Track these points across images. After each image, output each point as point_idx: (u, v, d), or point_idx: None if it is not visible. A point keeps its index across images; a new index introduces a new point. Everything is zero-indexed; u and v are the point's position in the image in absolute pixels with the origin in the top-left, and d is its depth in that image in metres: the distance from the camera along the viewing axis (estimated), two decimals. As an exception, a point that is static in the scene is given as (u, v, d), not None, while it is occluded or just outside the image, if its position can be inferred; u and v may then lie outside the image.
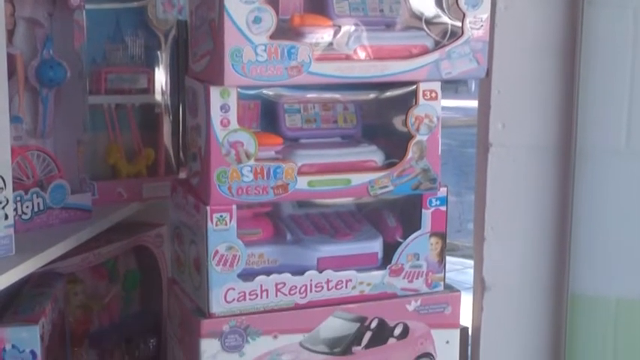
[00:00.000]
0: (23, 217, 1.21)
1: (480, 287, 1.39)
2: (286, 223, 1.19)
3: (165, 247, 1.52)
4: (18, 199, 1.20)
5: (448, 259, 1.23)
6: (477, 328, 1.40)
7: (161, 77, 1.46)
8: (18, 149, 1.23)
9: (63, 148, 1.31)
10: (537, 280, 1.37)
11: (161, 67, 1.45)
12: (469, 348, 1.43)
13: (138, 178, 1.43)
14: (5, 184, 1.10)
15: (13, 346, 1.10)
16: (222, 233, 1.08)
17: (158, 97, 1.46)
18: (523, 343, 1.39)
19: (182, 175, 1.36)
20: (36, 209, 1.23)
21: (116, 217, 1.36)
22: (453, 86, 8.64)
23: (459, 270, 1.22)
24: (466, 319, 1.38)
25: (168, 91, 1.47)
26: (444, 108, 1.16)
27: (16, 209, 1.19)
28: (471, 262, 1.46)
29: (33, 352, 1.10)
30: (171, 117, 1.49)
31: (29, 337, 1.10)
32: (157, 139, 1.46)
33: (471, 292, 1.42)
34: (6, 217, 1.10)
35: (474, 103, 1.56)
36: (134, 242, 1.49)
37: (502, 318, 1.38)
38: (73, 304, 1.40)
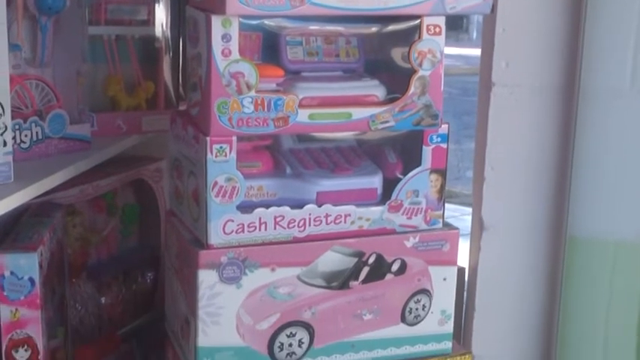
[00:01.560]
0: (22, 145, 1.20)
1: (478, 227, 1.39)
2: (286, 156, 1.19)
3: (164, 181, 1.51)
4: (17, 127, 1.19)
5: (447, 206, 1.23)
6: (473, 269, 1.41)
7: (161, 10, 1.44)
8: (17, 78, 1.22)
9: (62, 79, 1.30)
10: (536, 222, 1.37)
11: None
12: (465, 288, 1.43)
13: (137, 111, 1.42)
14: (4, 111, 1.09)
15: (12, 273, 1.10)
16: (222, 165, 1.08)
17: (158, 30, 1.44)
18: (520, 284, 1.40)
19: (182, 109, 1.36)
20: (35, 138, 1.22)
21: (115, 149, 1.36)
22: (454, 34, 8.57)
23: (457, 217, 1.22)
24: (463, 263, 1.39)
25: (169, 25, 1.45)
26: (444, 56, 1.14)
27: (14, 138, 1.18)
28: (469, 210, 1.46)
29: (31, 279, 1.11)
30: (171, 51, 1.47)
31: (28, 264, 1.10)
32: (156, 72, 1.45)
33: (468, 238, 1.42)
34: (4, 143, 1.10)
35: (475, 52, 1.54)
36: (133, 176, 1.48)
37: (499, 259, 1.39)
38: (72, 236, 1.40)
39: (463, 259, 1.40)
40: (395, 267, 1.18)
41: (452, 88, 6.05)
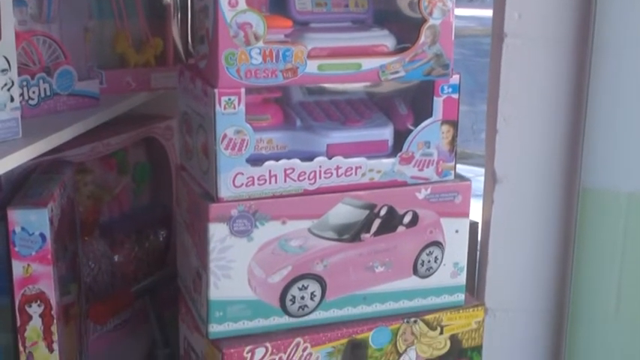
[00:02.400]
0: (30, 102, 1.20)
1: (490, 180, 1.38)
2: (296, 109, 1.18)
3: (175, 139, 1.51)
4: (24, 84, 1.19)
5: (461, 167, 1.22)
6: (486, 222, 1.40)
7: (169, -35, 1.43)
8: (23, 34, 1.21)
9: (69, 35, 1.29)
10: (549, 173, 1.36)
11: (169, -47, 1.42)
12: (478, 242, 1.43)
13: (146, 68, 1.41)
14: (10, 66, 1.08)
15: (23, 229, 1.10)
16: (231, 117, 1.07)
17: (166, -14, 1.43)
18: (533, 237, 1.39)
19: (191, 64, 1.34)
20: (43, 95, 1.22)
21: (124, 106, 1.35)
22: (467, -5, 8.50)
23: (472, 178, 1.22)
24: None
25: (177, -20, 1.44)
26: (457, 17, 1.12)
27: (22, 94, 1.18)
28: (482, 171, 1.45)
29: (42, 235, 1.11)
30: (179, 7, 1.46)
31: (38, 220, 1.10)
32: (165, 28, 1.44)
33: (481, 199, 1.41)
34: (12, 99, 1.09)
35: (488, 13, 1.52)
36: (143, 133, 1.48)
37: (512, 211, 1.38)
38: (83, 194, 1.40)
39: (477, 218, 1.39)
40: (406, 219, 1.17)
41: (465, 49, 6.00)
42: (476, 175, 1.46)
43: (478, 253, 1.43)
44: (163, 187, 1.56)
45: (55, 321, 1.13)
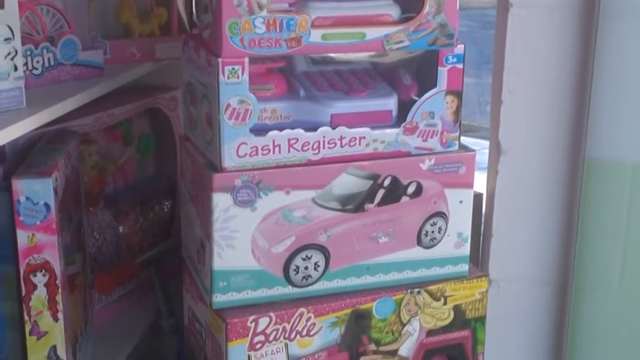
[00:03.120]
0: (34, 72, 1.20)
1: (495, 151, 1.37)
2: (300, 79, 1.17)
3: (179, 110, 1.51)
4: (28, 53, 1.18)
5: (466, 139, 1.22)
6: (491, 193, 1.40)
7: None
8: (26, 3, 1.20)
9: (73, 4, 1.28)
10: (554, 144, 1.35)
11: None
12: (483, 214, 1.42)
13: (150, 38, 1.40)
14: (13, 35, 1.08)
15: (27, 198, 1.10)
16: (234, 86, 1.07)
17: (170, -46, 1.42)
18: (537, 208, 1.38)
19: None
20: (47, 64, 1.21)
21: (129, 76, 1.35)
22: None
23: (478, 150, 1.22)
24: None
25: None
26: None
27: (26, 64, 1.18)
28: (488, 144, 1.44)
29: (47, 205, 1.11)
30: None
31: (42, 189, 1.10)
32: (169, -2, 1.43)
33: (486, 172, 1.41)
34: (15, 68, 1.09)
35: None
36: (148, 104, 1.48)
37: (517, 182, 1.37)
38: (88, 165, 1.40)
39: (481, 190, 1.39)
40: (410, 189, 1.17)
41: (471, 21, 5.96)
42: (482, 147, 1.45)
43: (482, 224, 1.42)
44: (168, 158, 1.56)
45: (59, 290, 1.14)
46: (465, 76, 1.16)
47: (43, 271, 1.12)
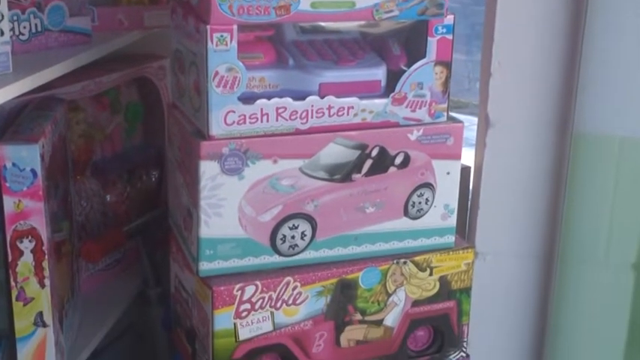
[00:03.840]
0: (21, 37, 1.19)
1: (484, 124, 1.38)
2: (289, 48, 1.17)
3: (167, 80, 1.50)
4: (15, 18, 1.18)
5: (455, 116, 1.21)
6: (478, 166, 1.40)
7: None
8: (13, -33, 1.19)
9: (61, -30, 1.27)
10: (542, 117, 1.36)
11: None
12: (470, 186, 1.43)
13: (139, 6, 1.39)
14: (0, -1, 1.07)
15: (14, 164, 1.10)
16: (223, 54, 1.06)
17: None
18: (524, 181, 1.39)
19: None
20: (34, 30, 1.20)
21: (117, 44, 1.34)
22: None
23: (467, 127, 1.22)
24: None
25: None
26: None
27: (13, 30, 1.17)
28: (477, 120, 1.44)
29: (33, 171, 1.10)
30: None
31: (29, 155, 1.10)
32: (157, -35, 1.42)
33: (474, 147, 1.41)
34: (2, 33, 1.08)
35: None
36: (136, 73, 1.47)
37: (505, 155, 1.38)
38: (75, 133, 1.40)
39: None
40: (398, 160, 1.17)
41: (463, -2, 5.93)
42: (470, 124, 1.46)
43: (470, 197, 1.43)
44: (156, 127, 1.55)
45: (46, 257, 1.13)
46: (454, 53, 1.16)
47: (30, 238, 1.12)
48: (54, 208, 1.20)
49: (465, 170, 1.38)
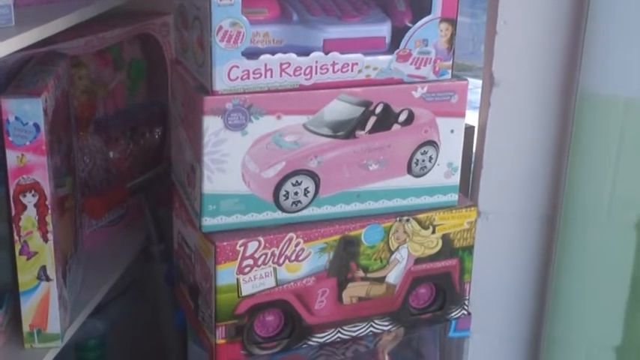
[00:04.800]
0: (24, -10, 1.18)
1: (488, 83, 1.37)
2: (293, 3, 1.16)
3: (171, 36, 1.49)
4: (17, -29, 1.17)
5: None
6: (482, 125, 1.39)
7: None
8: None
9: None
10: (547, 78, 1.35)
11: None
12: (474, 146, 1.42)
13: (142, -40, 1.38)
14: (1, -51, 1.06)
15: (17, 118, 1.09)
16: (227, 8, 1.05)
17: None
18: (528, 141, 1.38)
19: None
20: (36, -17, 1.20)
21: (120, -1, 1.33)
22: None
23: (471, 89, 1.21)
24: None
25: None
26: None
27: (15, -18, 1.16)
28: (481, 83, 1.44)
29: (36, 125, 1.10)
30: None
31: (32, 109, 1.10)
32: None
33: (478, 110, 1.41)
34: (4, -15, 1.07)
35: None
36: (139, 29, 1.46)
37: (509, 114, 1.37)
38: (78, 89, 1.39)
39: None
40: (402, 117, 1.17)
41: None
42: (474, 87, 1.45)
43: (473, 156, 1.42)
44: (159, 85, 1.55)
45: (49, 211, 1.14)
46: (459, 15, 1.15)
47: (33, 192, 1.12)
48: (57, 163, 1.20)
49: (469, 130, 1.37)
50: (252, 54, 1.09)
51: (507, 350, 1.46)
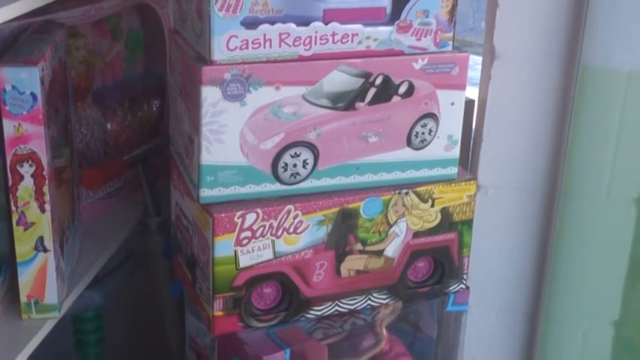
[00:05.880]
0: (20, -42, 1.16)
1: (489, 56, 1.36)
2: (292, -27, 1.15)
3: (169, 7, 1.48)
4: (14, -62, 1.15)
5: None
6: (483, 98, 1.39)
7: None
8: None
9: None
10: (549, 50, 1.34)
11: None
12: (474, 120, 1.42)
13: None
14: None
15: (13, 87, 1.08)
16: (225, -23, 1.04)
17: None
18: (529, 115, 1.38)
19: None
20: (33, -49, 1.18)
21: (118, -32, 1.31)
22: None
23: (471, 66, 1.20)
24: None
25: None
26: None
27: (11, -50, 1.14)
28: (481, 60, 1.42)
29: (33, 94, 1.09)
30: None
31: (29, 78, 1.08)
32: None
33: (478, 86, 1.40)
34: (0, -49, 1.06)
35: None
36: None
37: (510, 88, 1.36)
38: (75, 59, 1.38)
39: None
40: (402, 89, 1.16)
41: None
42: (475, 63, 1.44)
43: (473, 130, 1.42)
44: (157, 56, 1.53)
45: (46, 182, 1.13)
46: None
47: (30, 162, 1.11)
48: (54, 134, 1.19)
49: (469, 104, 1.36)
50: (251, 23, 1.08)
51: (505, 324, 1.46)
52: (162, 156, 1.41)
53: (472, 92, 1.31)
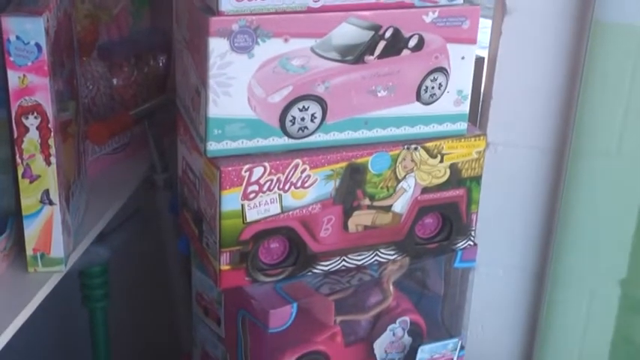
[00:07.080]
0: None
1: (500, 11, 1.34)
2: None
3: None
4: None
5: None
6: (493, 55, 1.37)
7: None
8: None
9: None
10: (560, 5, 1.31)
11: None
12: (484, 77, 1.40)
13: None
14: None
15: (18, 38, 1.07)
16: None
17: None
18: (540, 71, 1.36)
19: None
20: None
21: None
22: None
23: (480, 29, 1.20)
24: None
25: None
26: None
27: None
28: (490, 23, 1.40)
29: (38, 45, 1.08)
30: None
31: (34, 29, 1.07)
32: None
33: (487, 50, 1.38)
34: None
35: None
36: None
37: (520, 44, 1.34)
38: (81, 13, 1.36)
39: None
40: (412, 42, 1.14)
41: None
42: (484, 26, 1.42)
43: (482, 87, 1.40)
44: (163, 11, 1.51)
45: (52, 134, 1.12)
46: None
47: (35, 114, 1.10)
48: (60, 87, 1.18)
49: (479, 61, 1.34)
50: (259, -26, 1.06)
51: (512, 282, 1.46)
52: (169, 112, 1.39)
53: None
